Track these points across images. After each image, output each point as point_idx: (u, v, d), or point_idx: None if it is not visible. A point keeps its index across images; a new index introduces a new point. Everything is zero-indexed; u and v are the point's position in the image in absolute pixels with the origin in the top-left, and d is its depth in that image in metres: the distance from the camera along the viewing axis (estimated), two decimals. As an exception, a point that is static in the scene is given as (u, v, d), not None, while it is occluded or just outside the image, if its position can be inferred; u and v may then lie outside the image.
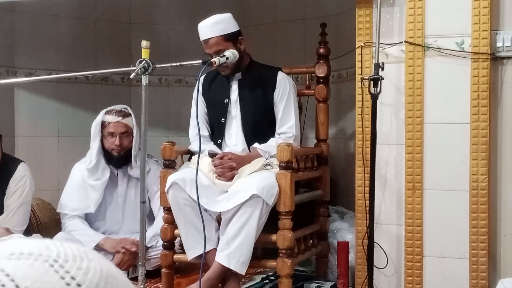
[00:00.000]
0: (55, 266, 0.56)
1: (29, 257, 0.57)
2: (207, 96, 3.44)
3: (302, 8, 4.58)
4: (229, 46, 3.22)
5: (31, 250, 0.58)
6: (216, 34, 3.23)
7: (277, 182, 3.02)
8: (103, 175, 3.78)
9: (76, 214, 3.77)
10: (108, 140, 3.74)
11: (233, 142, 3.36)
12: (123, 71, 4.19)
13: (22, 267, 0.56)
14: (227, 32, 3.25)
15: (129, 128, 3.76)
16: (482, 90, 2.98)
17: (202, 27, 3.27)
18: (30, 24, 4.50)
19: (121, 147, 3.72)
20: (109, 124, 3.74)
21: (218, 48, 3.20)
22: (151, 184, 3.73)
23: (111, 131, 3.73)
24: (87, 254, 0.60)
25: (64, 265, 0.57)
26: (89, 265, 0.58)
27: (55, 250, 0.58)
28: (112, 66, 3.76)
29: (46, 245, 0.59)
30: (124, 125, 3.75)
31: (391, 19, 3.13)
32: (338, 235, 3.58)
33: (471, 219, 3.02)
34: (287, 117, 3.33)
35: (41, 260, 0.57)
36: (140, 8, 4.96)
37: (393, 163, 3.15)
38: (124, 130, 3.74)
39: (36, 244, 0.59)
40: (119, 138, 3.71)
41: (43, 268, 0.56)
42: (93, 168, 3.76)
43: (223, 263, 3.00)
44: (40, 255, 0.57)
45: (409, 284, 3.13)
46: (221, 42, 3.23)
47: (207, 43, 3.24)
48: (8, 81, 4.05)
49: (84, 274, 0.57)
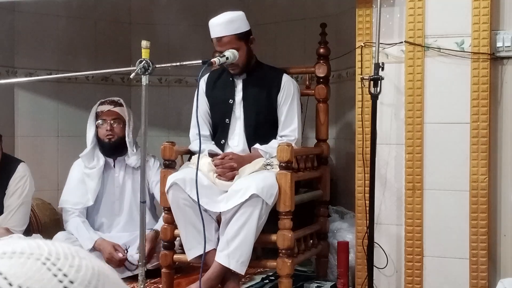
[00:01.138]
0: (47, 264, 0.57)
1: (21, 256, 0.57)
2: (211, 95, 3.43)
3: (302, 8, 4.58)
4: (241, 45, 3.23)
5: (23, 249, 0.58)
6: (230, 33, 3.22)
7: (277, 182, 3.02)
8: (98, 162, 3.85)
9: (77, 208, 3.79)
10: (101, 128, 3.83)
11: (235, 142, 3.35)
12: (123, 71, 4.20)
13: (15, 266, 0.56)
14: (241, 31, 3.25)
15: (121, 116, 3.84)
16: (482, 90, 2.98)
17: (215, 25, 3.25)
18: (30, 24, 4.50)
19: (112, 132, 3.80)
20: (102, 113, 3.85)
21: (231, 47, 3.19)
22: (151, 176, 3.81)
23: (104, 118, 3.84)
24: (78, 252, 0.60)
25: (56, 263, 0.57)
26: (80, 263, 0.59)
27: (47, 249, 0.59)
28: (112, 66, 3.76)
29: (38, 244, 0.60)
30: (116, 113, 3.84)
31: (391, 19, 3.13)
32: (338, 235, 3.58)
33: (471, 219, 3.02)
34: (290, 120, 3.32)
35: (33, 258, 0.57)
36: (140, 8, 4.96)
37: (393, 163, 3.15)
38: (115, 117, 3.83)
39: (28, 243, 0.60)
40: (109, 124, 3.81)
41: (35, 266, 0.56)
42: (88, 155, 3.83)
43: (223, 263, 3.00)
44: (32, 253, 0.58)
45: (409, 284, 3.13)
46: (234, 41, 3.22)
47: (220, 41, 3.23)
48: (8, 81, 4.05)
49: (76, 272, 0.57)
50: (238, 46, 3.21)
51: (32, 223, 3.91)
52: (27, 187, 3.64)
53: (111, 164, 3.89)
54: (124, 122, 3.83)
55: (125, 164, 3.88)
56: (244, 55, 3.26)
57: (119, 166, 3.89)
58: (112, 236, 3.78)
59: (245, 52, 3.27)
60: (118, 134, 3.81)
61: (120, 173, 3.89)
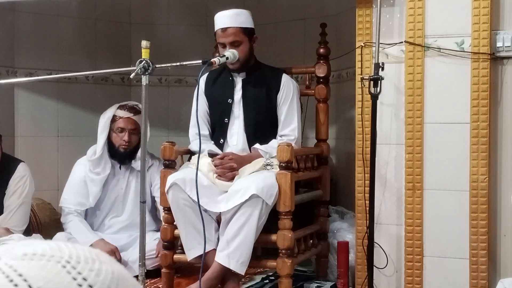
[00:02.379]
0: (67, 267, 0.57)
1: (42, 258, 0.57)
2: (210, 95, 3.43)
3: (302, 8, 4.58)
4: (245, 40, 3.25)
5: (43, 251, 0.58)
6: (236, 25, 3.24)
7: (277, 182, 3.02)
8: (104, 170, 3.81)
9: (77, 208, 3.79)
10: (117, 135, 3.77)
11: (234, 142, 3.35)
12: (123, 71, 4.19)
13: (35, 268, 0.56)
14: (246, 26, 3.28)
15: (138, 126, 3.76)
16: (482, 90, 2.98)
17: (221, 16, 3.27)
18: (30, 24, 4.50)
19: (129, 143, 3.75)
20: (120, 119, 3.77)
21: (235, 39, 3.22)
22: (154, 178, 3.77)
23: (121, 126, 3.76)
24: (99, 256, 0.60)
25: (76, 266, 0.57)
26: (100, 267, 0.59)
27: (67, 252, 0.59)
28: (112, 66, 3.76)
29: (59, 247, 0.60)
30: (134, 122, 3.78)
31: (391, 19, 3.13)
32: (338, 235, 3.58)
33: (471, 219, 3.02)
34: (290, 119, 3.33)
35: (53, 261, 0.57)
36: (140, 8, 4.96)
37: (393, 163, 3.15)
38: (133, 127, 3.77)
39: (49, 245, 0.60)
40: (128, 134, 3.75)
41: (55, 269, 0.56)
42: (96, 160, 3.79)
43: (223, 263, 3.00)
44: (52, 256, 0.58)
45: (409, 284, 3.13)
46: (239, 34, 3.24)
47: (225, 32, 3.24)
48: (8, 81, 4.05)
49: (96, 276, 0.58)
50: (242, 40, 3.23)
51: (32, 223, 3.91)
52: (27, 187, 3.64)
53: (116, 166, 3.87)
54: (139, 131, 3.80)
55: (130, 167, 3.87)
56: (246, 51, 3.27)
57: (125, 168, 3.88)
58: (112, 237, 3.78)
59: (247, 48, 3.28)
60: (133, 144, 3.78)
61: (125, 175, 3.88)
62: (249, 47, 3.29)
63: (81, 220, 3.79)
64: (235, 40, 3.22)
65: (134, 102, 3.88)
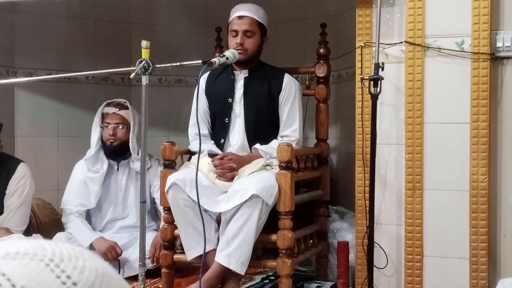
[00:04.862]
0: (51, 265, 0.57)
1: (25, 257, 0.57)
2: (210, 94, 3.43)
3: (302, 8, 4.58)
4: (257, 33, 3.30)
5: (26, 250, 0.58)
6: (254, 16, 3.30)
7: (277, 182, 3.02)
8: (101, 167, 3.84)
9: (78, 209, 3.80)
10: (105, 131, 3.82)
11: (234, 141, 3.35)
12: (123, 71, 4.19)
13: (18, 267, 0.56)
14: (262, 21, 3.33)
15: (125, 120, 3.81)
16: (482, 90, 2.98)
17: (241, 6, 3.34)
18: (30, 24, 4.50)
19: (114, 137, 3.78)
20: (107, 115, 3.83)
21: (249, 28, 3.27)
22: (153, 180, 3.78)
23: (107, 121, 3.82)
24: (82, 253, 0.60)
25: (60, 264, 0.57)
26: (84, 264, 0.58)
27: (50, 250, 0.58)
28: (112, 66, 3.76)
29: (41, 245, 0.59)
30: (120, 116, 3.82)
31: (391, 19, 3.13)
32: (338, 235, 3.58)
33: (471, 219, 3.02)
34: (291, 120, 3.33)
35: (36, 259, 0.57)
36: (140, 8, 4.96)
37: (393, 163, 3.15)
38: (119, 121, 3.81)
39: (31, 243, 0.59)
40: (113, 128, 3.79)
41: (38, 268, 0.56)
42: (92, 158, 3.82)
43: (223, 263, 3.00)
44: (35, 254, 0.57)
45: (409, 284, 3.13)
46: (254, 25, 3.29)
47: (241, 19, 3.28)
48: (8, 81, 4.05)
49: (80, 273, 0.57)
50: (255, 31, 3.28)
51: (32, 223, 3.91)
52: (27, 187, 3.64)
53: (114, 167, 3.88)
54: (128, 126, 3.81)
55: (128, 168, 3.87)
56: (256, 44, 3.30)
57: (123, 169, 3.88)
58: (112, 236, 3.78)
59: (257, 42, 3.31)
60: (121, 138, 3.79)
61: (123, 176, 3.89)
62: (259, 43, 3.32)
63: (82, 220, 3.80)
64: (249, 29, 3.26)
65: (121, 99, 3.92)
